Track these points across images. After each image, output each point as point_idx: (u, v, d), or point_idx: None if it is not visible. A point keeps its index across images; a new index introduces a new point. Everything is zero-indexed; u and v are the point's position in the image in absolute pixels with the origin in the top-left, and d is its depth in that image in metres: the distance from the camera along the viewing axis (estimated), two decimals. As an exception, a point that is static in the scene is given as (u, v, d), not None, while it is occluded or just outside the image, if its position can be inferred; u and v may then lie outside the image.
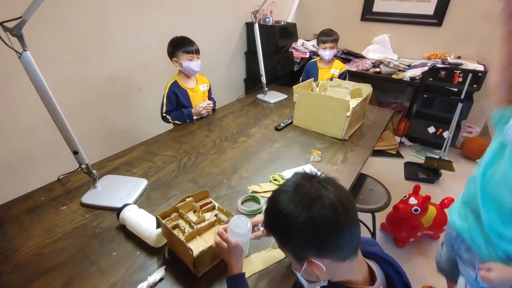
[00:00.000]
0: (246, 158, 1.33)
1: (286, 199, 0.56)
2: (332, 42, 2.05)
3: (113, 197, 1.03)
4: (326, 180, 0.57)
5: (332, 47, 2.05)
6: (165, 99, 1.64)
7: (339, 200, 0.54)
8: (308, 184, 0.56)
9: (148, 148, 1.39)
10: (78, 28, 1.56)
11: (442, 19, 2.71)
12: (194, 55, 1.59)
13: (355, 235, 0.56)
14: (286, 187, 0.58)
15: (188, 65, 1.58)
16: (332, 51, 2.06)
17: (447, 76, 2.59)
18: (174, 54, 1.59)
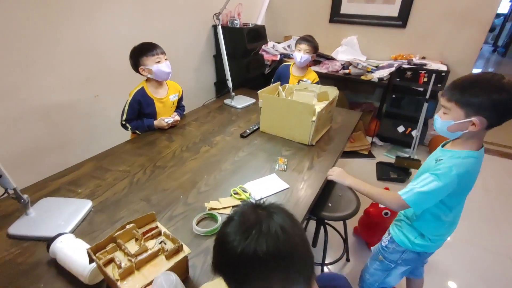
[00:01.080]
0: (207, 170, 1.24)
1: (229, 229, 0.50)
2: (308, 46, 1.95)
3: (48, 225, 0.90)
4: (271, 207, 0.51)
5: (307, 51, 1.95)
6: (127, 106, 1.50)
7: (281, 227, 0.47)
8: (251, 213, 0.49)
9: (99, 163, 1.26)
10: (16, 30, 1.39)
11: (406, 20, 2.76)
12: (161, 56, 1.47)
13: (303, 267, 0.49)
14: (230, 218, 0.51)
15: (157, 68, 1.46)
16: (306, 56, 1.94)
17: (413, 76, 2.64)
18: (139, 63, 1.46)
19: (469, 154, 0.91)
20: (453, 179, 0.89)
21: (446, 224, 1.05)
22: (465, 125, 0.88)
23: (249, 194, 1.09)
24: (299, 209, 1.04)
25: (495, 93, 0.82)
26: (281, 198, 1.09)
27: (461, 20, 2.57)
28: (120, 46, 1.86)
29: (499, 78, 0.83)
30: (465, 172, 0.90)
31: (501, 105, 0.82)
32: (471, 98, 0.85)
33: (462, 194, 0.99)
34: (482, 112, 0.85)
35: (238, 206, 0.57)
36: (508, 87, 0.81)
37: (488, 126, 0.87)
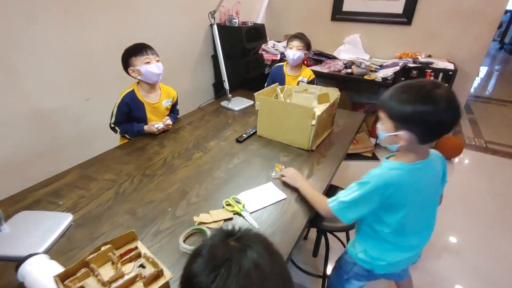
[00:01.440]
0: (199, 179, 1.16)
1: (195, 265, 0.42)
2: (300, 43, 1.87)
3: (21, 242, 0.83)
4: (246, 238, 0.43)
5: (299, 48, 1.87)
6: (115, 108, 1.44)
7: (256, 265, 0.39)
8: (222, 246, 0.42)
9: (84, 172, 1.19)
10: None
11: (412, 17, 2.66)
12: (151, 57, 1.39)
13: None
14: (197, 252, 0.43)
15: (146, 70, 1.38)
16: (298, 53, 1.87)
17: (419, 75, 2.54)
18: (128, 63, 1.38)
19: (395, 165, 0.82)
20: (371, 190, 0.81)
21: (389, 245, 0.93)
22: (395, 138, 0.80)
23: (243, 206, 1.00)
24: (297, 221, 0.96)
25: (420, 104, 0.72)
26: (277, 209, 1.01)
27: (469, 16, 2.47)
28: (113, 47, 1.79)
29: (432, 87, 0.73)
30: (385, 184, 0.80)
31: (426, 119, 0.72)
32: (397, 109, 0.76)
33: (397, 210, 0.84)
34: (408, 125, 0.76)
35: (208, 236, 0.49)
36: (437, 97, 0.71)
37: (421, 142, 0.77)
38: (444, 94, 0.72)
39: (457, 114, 0.73)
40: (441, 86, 0.73)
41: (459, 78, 2.53)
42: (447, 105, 0.71)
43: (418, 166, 0.81)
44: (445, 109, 0.71)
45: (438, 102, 0.71)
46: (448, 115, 0.72)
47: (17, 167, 1.52)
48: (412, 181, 0.81)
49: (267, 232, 0.91)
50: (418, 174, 0.82)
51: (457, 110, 0.73)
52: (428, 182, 0.85)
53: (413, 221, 0.89)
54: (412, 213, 0.85)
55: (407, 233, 0.91)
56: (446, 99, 0.71)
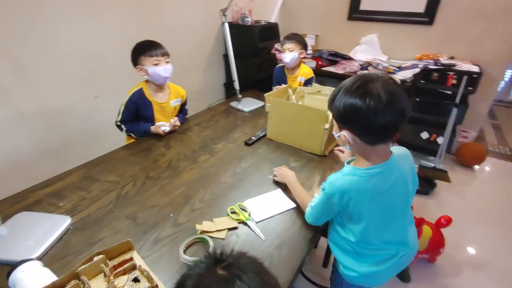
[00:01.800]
0: (204, 183, 1.11)
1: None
2: (291, 43, 1.77)
3: (17, 245, 0.80)
4: (237, 266, 0.36)
5: (291, 49, 1.77)
6: (123, 107, 1.41)
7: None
8: (209, 275, 0.36)
9: (88, 172, 1.16)
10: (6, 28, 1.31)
11: (434, 17, 2.52)
12: (161, 58, 1.35)
13: None
14: (183, 279, 0.37)
15: (154, 71, 1.34)
16: (291, 54, 1.76)
17: (440, 78, 2.40)
18: (137, 61, 1.36)
19: (349, 171, 0.75)
20: (327, 197, 0.76)
21: (357, 255, 0.83)
22: (342, 140, 0.75)
23: (249, 214, 0.94)
24: (307, 232, 0.89)
25: (349, 99, 0.66)
26: (286, 219, 0.94)
27: (495, 15, 2.31)
28: (123, 45, 1.76)
29: (366, 81, 0.65)
30: (339, 191, 0.73)
31: (357, 115, 0.65)
32: (335, 108, 0.71)
33: (357, 219, 0.76)
34: (346, 124, 0.71)
35: (193, 263, 0.44)
36: (368, 91, 0.63)
37: (367, 143, 0.70)
38: (378, 87, 0.63)
39: (391, 110, 0.63)
40: (378, 79, 0.65)
41: (483, 82, 2.38)
42: (379, 100, 0.62)
43: (375, 170, 0.72)
44: (377, 105, 0.63)
45: (368, 97, 0.63)
46: (381, 111, 0.63)
47: (24, 164, 1.51)
48: (369, 187, 0.72)
49: (274, 243, 0.85)
50: (376, 179, 0.72)
51: (392, 106, 0.63)
52: (391, 186, 0.74)
53: (380, 229, 0.78)
54: (377, 221, 0.77)
55: (374, 243, 0.80)
56: (378, 93, 0.63)
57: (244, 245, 0.84)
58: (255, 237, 0.87)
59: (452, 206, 2.12)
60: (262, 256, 0.80)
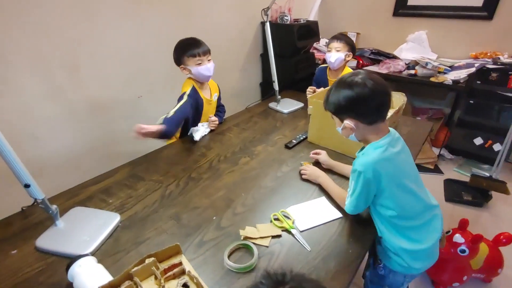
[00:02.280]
0: (245, 186, 1.09)
1: None
2: (339, 43, 1.67)
3: (73, 239, 0.84)
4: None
5: (338, 49, 1.67)
6: (182, 103, 1.30)
7: None
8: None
9: (133, 170, 1.20)
10: (63, 31, 1.41)
11: (494, 11, 2.28)
12: (203, 57, 1.35)
13: None
14: None
15: (197, 71, 1.35)
16: (337, 54, 1.66)
17: (500, 78, 2.17)
18: (180, 61, 1.37)
19: (369, 148, 0.85)
20: (363, 173, 0.81)
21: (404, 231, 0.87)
22: (347, 129, 0.86)
23: (292, 222, 0.91)
24: (356, 246, 0.84)
25: (342, 91, 0.82)
26: (332, 230, 0.89)
27: None
28: (163, 45, 1.82)
29: (352, 75, 0.83)
30: (372, 164, 0.81)
31: (352, 102, 0.81)
32: (332, 104, 0.86)
33: (390, 191, 0.83)
34: (345, 113, 0.85)
35: (253, 284, 0.41)
36: (353, 83, 0.81)
37: (367, 123, 0.83)
38: (362, 78, 0.81)
39: (378, 93, 0.80)
40: (358, 74, 0.83)
41: None
42: (364, 88, 0.79)
43: (386, 139, 0.84)
44: (364, 91, 0.79)
45: (357, 86, 0.80)
46: (371, 95, 0.80)
47: (75, 159, 1.62)
48: (389, 155, 0.83)
49: (320, 256, 0.81)
50: (390, 147, 0.84)
51: (374, 89, 0.79)
52: (401, 151, 0.87)
53: (410, 195, 0.86)
54: (404, 187, 0.85)
55: (413, 209, 0.87)
56: (363, 83, 0.80)
57: (288, 255, 0.81)
58: (300, 247, 0.83)
59: (509, 220, 1.91)
60: (308, 269, 0.77)
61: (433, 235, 0.89)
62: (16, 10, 1.25)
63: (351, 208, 0.89)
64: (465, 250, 1.30)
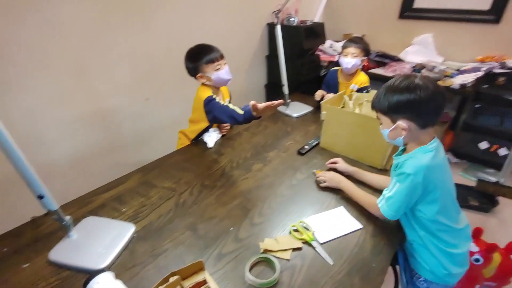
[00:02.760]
0: (261, 194, 1.07)
1: None
2: (356, 49, 1.62)
3: (88, 252, 0.81)
4: None
5: (355, 54, 1.62)
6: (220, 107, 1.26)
7: None
8: None
9: (145, 177, 1.17)
10: (74, 34, 1.38)
11: (501, 14, 2.27)
12: (221, 62, 1.32)
13: None
14: None
15: (218, 76, 1.32)
16: (354, 60, 1.62)
17: (507, 83, 2.17)
18: (198, 69, 1.31)
19: (419, 151, 0.85)
20: (414, 175, 0.81)
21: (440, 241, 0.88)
22: (397, 131, 0.86)
23: (312, 234, 0.89)
24: (380, 259, 0.82)
25: (401, 94, 0.81)
26: (353, 242, 0.87)
27: None
28: (172, 47, 1.79)
29: (410, 77, 0.83)
30: (425, 166, 0.81)
31: (413, 104, 0.81)
32: (386, 103, 0.85)
33: (434, 195, 0.84)
34: (402, 114, 0.84)
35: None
36: (413, 86, 0.80)
37: (421, 126, 0.83)
38: (423, 81, 0.80)
39: (439, 96, 0.81)
40: (417, 76, 0.83)
41: None
42: (427, 90, 0.79)
43: (434, 144, 0.85)
44: (426, 93, 0.79)
45: (419, 89, 0.79)
46: (432, 97, 0.79)
47: (83, 162, 1.59)
48: (438, 160, 0.84)
49: (344, 269, 0.79)
50: (439, 151, 0.86)
51: (436, 92, 0.80)
52: (444, 158, 0.88)
53: (450, 202, 0.88)
54: (447, 193, 0.86)
55: (451, 215, 0.89)
56: (425, 85, 0.79)
57: (311, 269, 0.79)
58: (322, 261, 0.81)
59: (517, 227, 1.91)
60: (332, 284, 0.75)
61: (466, 241, 0.92)
62: (25, 11, 1.21)
63: (392, 212, 0.87)
64: (479, 259, 1.29)
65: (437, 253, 0.88)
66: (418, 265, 0.94)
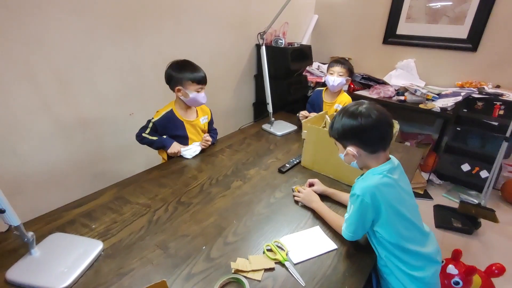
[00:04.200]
0: (237, 212, 1.05)
1: None
2: (342, 68, 1.70)
3: (50, 271, 0.77)
4: None
5: (341, 74, 1.70)
6: (151, 124, 1.39)
7: None
8: None
9: (120, 192, 1.14)
10: (57, 44, 1.38)
11: (478, 43, 2.39)
12: (203, 86, 1.38)
13: None
14: None
15: (195, 97, 1.36)
16: (339, 79, 1.69)
17: (485, 107, 2.25)
18: (180, 82, 1.33)
19: (369, 172, 0.88)
20: (362, 197, 0.82)
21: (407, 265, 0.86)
22: (349, 156, 0.89)
23: (286, 254, 0.87)
24: (352, 280, 0.80)
25: (347, 119, 0.85)
26: (327, 263, 0.86)
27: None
28: (158, 63, 1.81)
29: (356, 105, 0.87)
30: (370, 188, 0.82)
31: (356, 131, 0.84)
32: (335, 130, 0.89)
33: (387, 217, 0.83)
34: (350, 140, 0.87)
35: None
36: (357, 113, 0.83)
37: (370, 152, 0.86)
38: (367, 108, 0.84)
39: (382, 124, 0.84)
40: (364, 103, 0.87)
41: None
42: (368, 118, 0.82)
43: (387, 166, 0.86)
44: (368, 121, 0.82)
45: (361, 116, 0.83)
46: (375, 125, 0.83)
47: (60, 175, 1.55)
48: (388, 181, 0.84)
49: (315, 292, 0.76)
50: (391, 172, 0.86)
51: (379, 120, 0.83)
52: (401, 179, 0.89)
53: (409, 224, 0.87)
54: (402, 215, 0.85)
55: (414, 235, 0.88)
56: (367, 113, 0.83)
57: (282, 290, 0.77)
58: (294, 282, 0.79)
59: (499, 247, 1.91)
60: (302, 307, 0.72)
61: (433, 264, 0.88)
62: (8, 18, 1.21)
63: (349, 234, 0.88)
64: (459, 282, 1.28)
65: (400, 275, 0.86)
66: (384, 285, 0.93)
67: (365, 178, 0.87)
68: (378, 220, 0.84)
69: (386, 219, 0.83)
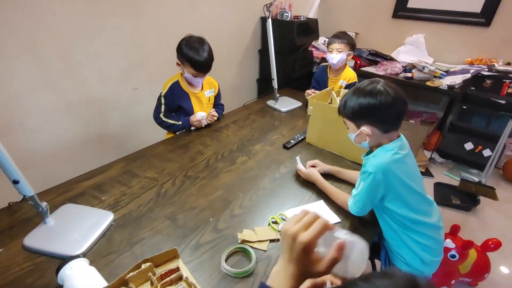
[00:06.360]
0: (243, 187, 1.07)
1: None
2: (340, 44, 1.66)
3: (64, 239, 0.81)
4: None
5: (339, 50, 1.66)
6: (162, 99, 1.40)
7: None
8: None
9: (128, 166, 1.16)
10: (62, 19, 1.34)
11: (491, 18, 2.30)
12: (201, 74, 1.35)
13: None
14: None
15: (190, 78, 1.37)
16: (339, 56, 1.65)
17: (494, 85, 2.21)
18: (181, 59, 1.32)
19: (381, 150, 0.88)
20: (374, 174, 0.84)
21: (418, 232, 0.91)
22: (362, 136, 0.89)
23: (291, 226, 0.90)
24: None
25: (364, 98, 0.83)
26: (329, 235, 0.88)
27: None
28: (162, 38, 1.77)
29: (373, 83, 0.85)
30: (383, 165, 0.83)
31: (374, 109, 0.83)
32: (351, 108, 0.87)
33: (398, 193, 0.87)
34: (365, 119, 0.86)
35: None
36: (375, 91, 0.82)
37: (383, 131, 0.86)
38: (383, 86, 0.83)
39: (399, 103, 0.83)
40: (380, 82, 0.85)
41: None
42: (387, 96, 0.82)
43: (397, 143, 0.88)
44: (387, 99, 0.81)
45: (380, 94, 0.82)
46: (393, 103, 0.82)
47: (68, 151, 1.57)
48: (399, 157, 0.85)
49: (319, 262, 0.80)
50: (402, 148, 0.88)
51: (396, 99, 0.82)
52: (409, 155, 0.90)
53: (417, 196, 0.90)
54: (411, 188, 0.88)
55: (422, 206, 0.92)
56: (386, 91, 0.82)
57: (287, 260, 0.80)
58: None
59: (496, 224, 1.96)
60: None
61: (439, 231, 0.94)
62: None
63: (357, 209, 0.90)
64: (455, 255, 1.33)
65: (411, 244, 0.90)
66: (395, 258, 0.97)
67: (377, 155, 0.88)
68: (388, 196, 0.86)
69: (398, 194, 0.86)
